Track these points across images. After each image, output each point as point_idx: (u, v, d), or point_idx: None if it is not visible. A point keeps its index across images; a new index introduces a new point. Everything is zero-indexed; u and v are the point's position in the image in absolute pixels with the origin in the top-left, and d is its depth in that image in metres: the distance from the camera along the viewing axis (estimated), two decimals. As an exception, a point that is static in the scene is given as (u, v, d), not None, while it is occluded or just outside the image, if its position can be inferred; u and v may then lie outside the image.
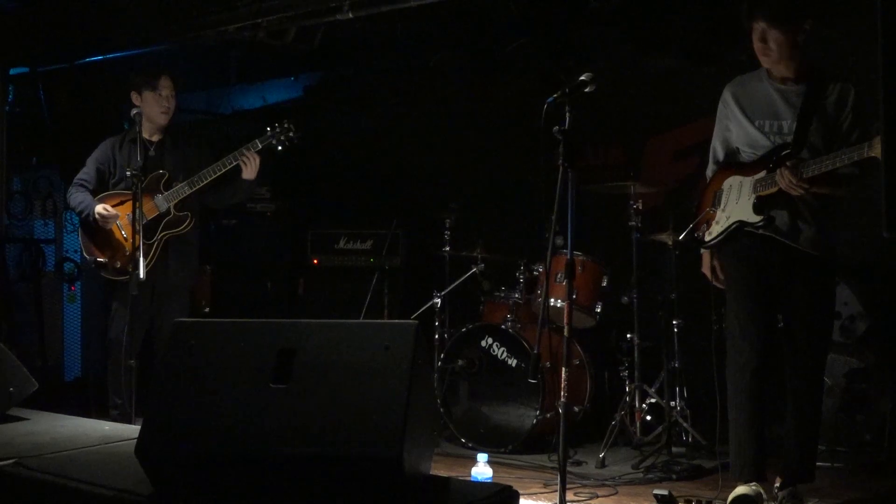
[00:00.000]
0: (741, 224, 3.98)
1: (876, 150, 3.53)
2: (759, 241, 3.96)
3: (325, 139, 7.68)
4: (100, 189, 5.15)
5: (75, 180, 5.18)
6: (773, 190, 3.87)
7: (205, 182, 4.98)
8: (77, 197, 5.11)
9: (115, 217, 5.00)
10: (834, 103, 3.84)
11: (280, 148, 5.08)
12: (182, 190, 4.97)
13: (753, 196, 3.93)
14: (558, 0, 5.88)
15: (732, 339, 4.04)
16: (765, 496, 3.92)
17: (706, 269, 4.24)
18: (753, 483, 3.93)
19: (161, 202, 4.97)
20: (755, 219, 3.92)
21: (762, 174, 3.92)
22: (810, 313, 3.94)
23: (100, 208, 4.99)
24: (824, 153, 3.75)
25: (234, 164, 4.99)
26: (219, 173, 4.98)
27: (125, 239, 4.97)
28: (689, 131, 6.22)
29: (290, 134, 5.06)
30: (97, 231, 5.06)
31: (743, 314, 4.01)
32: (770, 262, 3.97)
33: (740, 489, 3.91)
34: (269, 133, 5.05)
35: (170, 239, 5.00)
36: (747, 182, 3.98)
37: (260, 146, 5.03)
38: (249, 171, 5.04)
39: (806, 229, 3.88)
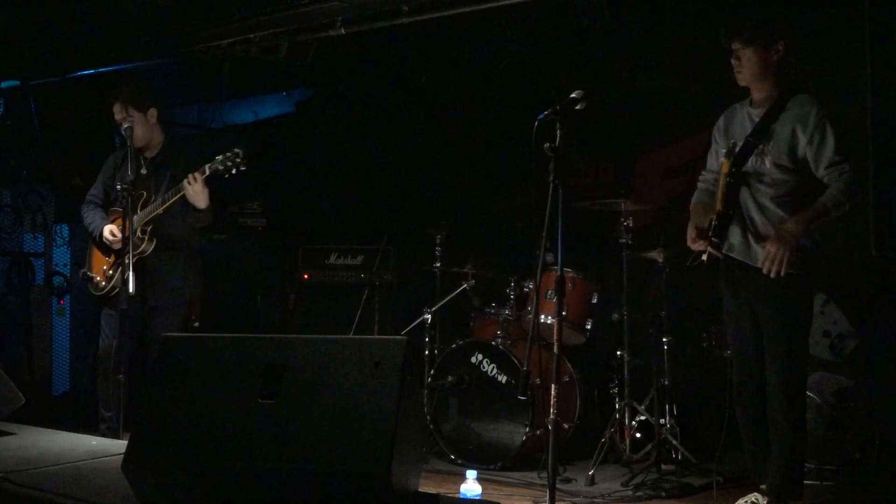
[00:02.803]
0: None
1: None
2: (730, 262, 4.08)
3: (316, 155, 7.69)
4: (108, 205, 5.17)
5: (87, 197, 5.24)
6: (719, 206, 4.01)
7: (160, 209, 4.86)
8: (88, 216, 5.15)
9: (119, 242, 4.91)
10: (792, 121, 3.90)
11: (226, 176, 4.85)
12: (146, 214, 4.91)
13: (714, 216, 4.05)
14: (550, 18, 5.91)
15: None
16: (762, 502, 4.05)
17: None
18: (753, 495, 4.10)
19: (135, 222, 4.91)
20: (714, 240, 4.05)
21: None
22: (773, 330, 3.98)
23: (107, 232, 4.96)
24: (791, 169, 3.88)
25: (180, 194, 4.83)
26: (168, 203, 4.85)
27: (106, 257, 5.04)
28: (679, 150, 6.24)
29: (238, 160, 4.81)
30: (96, 247, 5.12)
31: (730, 334, 4.21)
32: (742, 286, 4.08)
33: None
34: (217, 159, 4.84)
35: (145, 259, 4.89)
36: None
37: (207, 172, 4.82)
38: (193, 197, 4.81)
39: (757, 249, 3.95)
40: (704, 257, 4.20)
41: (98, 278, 5.05)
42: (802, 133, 3.87)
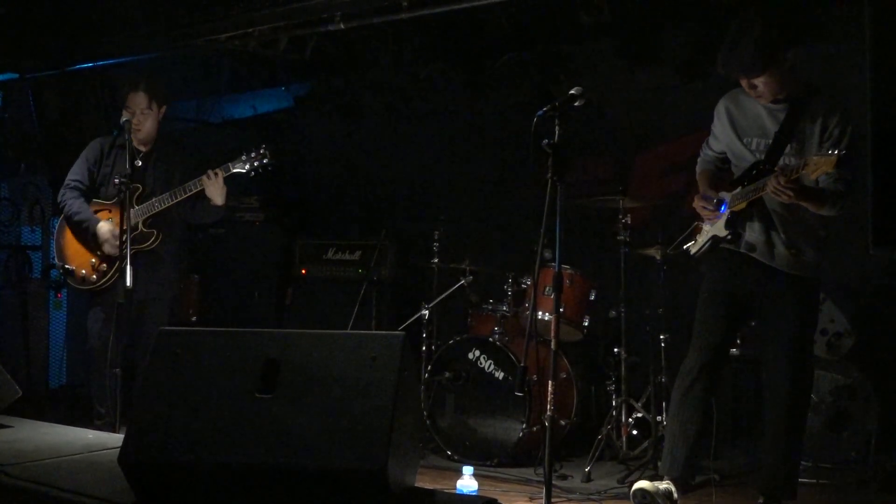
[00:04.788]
0: (715, 238, 4.07)
1: (810, 169, 3.57)
2: (736, 257, 4.03)
3: (314, 149, 7.68)
4: (90, 191, 5.11)
5: (68, 181, 5.12)
6: (743, 205, 3.96)
7: (170, 203, 4.88)
8: (75, 204, 5.04)
9: (114, 242, 4.88)
10: (820, 122, 3.84)
11: (252, 175, 4.93)
12: (151, 207, 4.90)
13: (728, 211, 4.01)
14: (549, 14, 5.90)
15: (690, 345, 4.14)
16: (675, 495, 3.98)
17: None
18: (667, 482, 4.01)
19: (131, 216, 4.88)
20: (724, 232, 4.02)
21: (737, 190, 4.02)
22: (784, 331, 3.96)
23: (108, 234, 4.91)
24: None
25: (200, 188, 4.87)
26: (182, 197, 4.87)
27: (93, 250, 4.97)
28: (678, 147, 6.24)
29: (265, 161, 4.90)
30: (72, 239, 5.05)
31: (699, 324, 4.11)
32: (746, 280, 4.03)
33: (642, 483, 3.99)
34: (242, 158, 4.91)
35: (138, 252, 4.81)
36: (727, 198, 4.07)
37: (231, 170, 4.89)
38: (212, 193, 4.88)
39: (781, 248, 3.93)
40: (693, 249, 4.22)
41: (84, 271, 5.00)
42: (826, 130, 3.82)
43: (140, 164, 5.01)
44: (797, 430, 3.99)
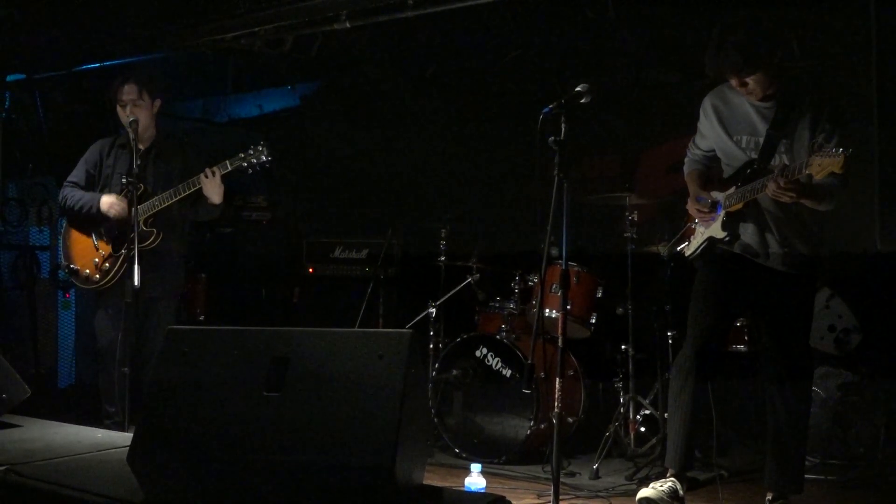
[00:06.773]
0: (711, 240, 4.08)
1: (813, 169, 3.54)
2: (730, 257, 4.03)
3: (321, 148, 7.69)
4: (88, 191, 5.11)
5: (66, 181, 5.12)
6: (739, 205, 3.96)
7: (171, 201, 4.85)
8: (75, 195, 5.02)
9: (122, 210, 4.86)
10: (809, 119, 3.82)
11: (251, 171, 4.89)
12: (152, 206, 4.87)
13: (723, 212, 4.01)
14: (555, 12, 5.90)
15: (685, 339, 4.15)
16: (680, 492, 3.99)
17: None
18: (671, 480, 4.01)
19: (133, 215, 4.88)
20: (721, 234, 4.02)
21: (731, 190, 4.01)
22: (782, 328, 3.97)
23: (108, 202, 4.90)
24: None
25: (198, 186, 4.84)
26: (182, 195, 4.84)
27: (96, 249, 4.97)
28: (684, 144, 6.21)
29: (263, 158, 4.86)
30: (76, 238, 5.05)
31: (692, 319, 4.11)
32: (740, 280, 4.03)
33: (645, 492, 3.98)
34: (240, 155, 4.87)
35: (142, 252, 4.76)
36: (721, 198, 4.07)
37: (229, 168, 4.86)
38: (209, 191, 4.86)
39: (775, 247, 3.93)
40: (688, 251, 4.22)
41: (88, 271, 4.98)
42: (817, 125, 3.80)
43: (140, 162, 4.99)
44: (800, 426, 3.99)
